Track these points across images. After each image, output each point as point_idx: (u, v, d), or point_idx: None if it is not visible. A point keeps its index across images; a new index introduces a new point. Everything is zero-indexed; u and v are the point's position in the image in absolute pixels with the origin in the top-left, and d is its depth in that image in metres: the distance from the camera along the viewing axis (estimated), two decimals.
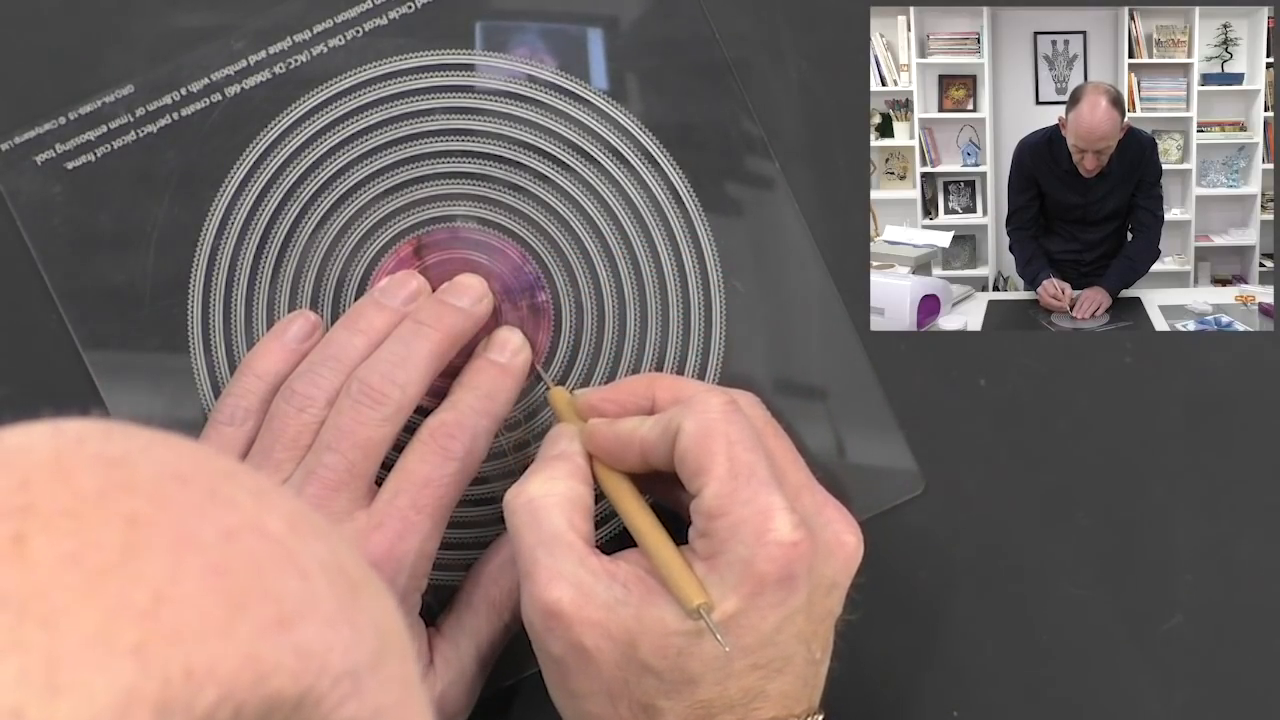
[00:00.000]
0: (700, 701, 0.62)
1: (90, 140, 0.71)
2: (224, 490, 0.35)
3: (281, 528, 0.35)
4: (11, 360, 0.71)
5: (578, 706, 0.64)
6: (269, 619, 0.33)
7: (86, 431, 0.35)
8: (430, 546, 0.66)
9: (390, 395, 0.65)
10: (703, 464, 0.62)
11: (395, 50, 0.71)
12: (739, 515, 0.62)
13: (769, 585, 0.62)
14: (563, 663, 0.63)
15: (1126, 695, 0.71)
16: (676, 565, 0.62)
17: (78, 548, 0.32)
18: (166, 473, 0.34)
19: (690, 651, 0.62)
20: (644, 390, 0.68)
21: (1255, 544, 0.72)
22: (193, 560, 0.33)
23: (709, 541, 0.62)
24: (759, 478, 0.62)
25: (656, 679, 0.62)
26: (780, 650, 0.63)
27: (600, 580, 0.63)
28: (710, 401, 0.63)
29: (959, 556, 0.72)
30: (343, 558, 0.36)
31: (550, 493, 0.64)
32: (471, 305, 0.69)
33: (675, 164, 0.71)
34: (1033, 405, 0.72)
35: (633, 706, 0.63)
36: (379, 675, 0.35)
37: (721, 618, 0.61)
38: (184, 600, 0.32)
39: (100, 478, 0.33)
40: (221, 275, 0.71)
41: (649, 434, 0.65)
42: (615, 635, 0.62)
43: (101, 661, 0.30)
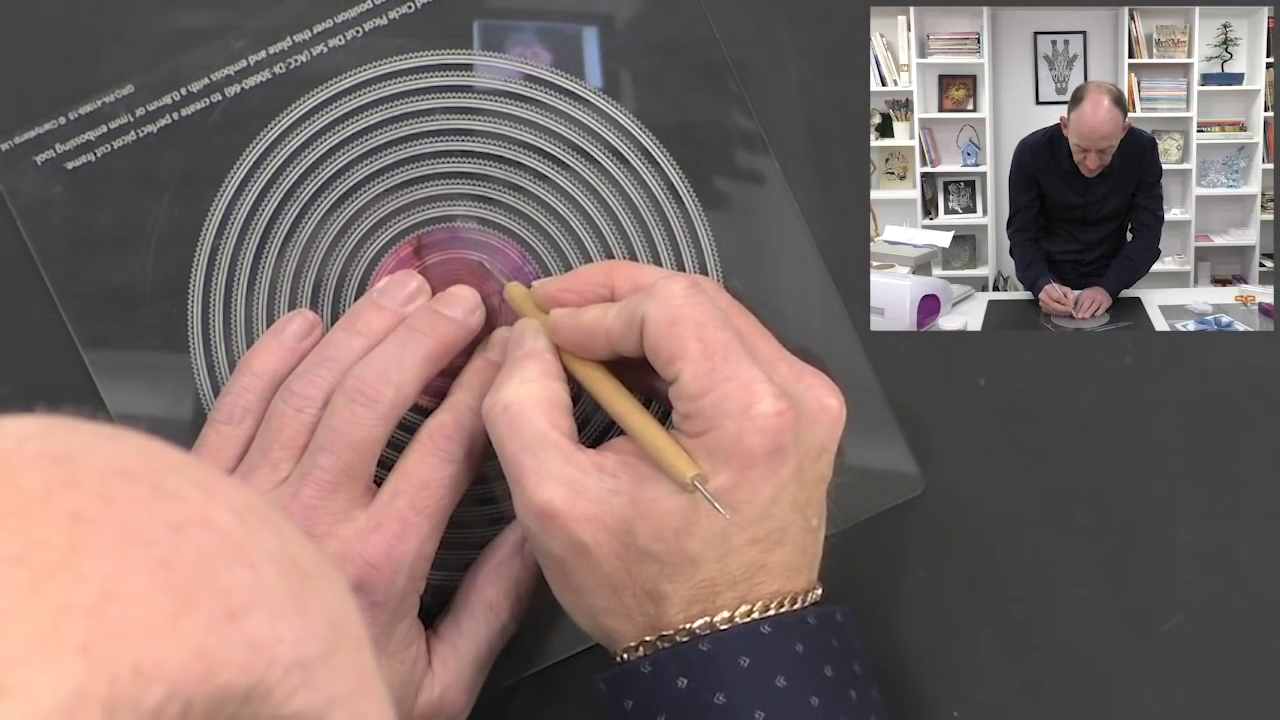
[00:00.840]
0: (702, 580, 0.62)
1: (90, 140, 0.71)
2: (170, 483, 0.35)
3: (229, 519, 0.35)
4: (11, 360, 0.71)
5: (582, 602, 0.64)
6: (217, 612, 0.33)
7: (28, 429, 0.35)
8: (429, 547, 0.66)
9: (384, 395, 0.65)
10: (674, 349, 0.62)
11: (395, 50, 0.71)
12: (721, 392, 0.62)
13: (759, 458, 0.62)
14: (563, 561, 0.63)
15: (1126, 695, 0.71)
16: (665, 442, 0.62)
17: (22, 547, 0.31)
18: (111, 468, 0.34)
19: (688, 529, 0.62)
20: (602, 278, 0.68)
21: (1255, 544, 0.71)
22: (139, 556, 0.32)
23: (694, 422, 0.62)
24: (735, 354, 0.62)
25: (657, 563, 0.62)
26: (777, 521, 0.63)
27: (589, 474, 0.63)
28: (672, 287, 0.63)
29: (959, 556, 0.72)
30: (293, 548, 0.36)
31: (526, 395, 0.64)
32: (464, 316, 0.69)
33: (675, 163, 0.71)
34: (1033, 405, 0.72)
35: (637, 594, 0.63)
36: (331, 665, 0.35)
37: (715, 493, 0.61)
38: (131, 597, 0.32)
39: (44, 475, 0.33)
40: (221, 275, 0.71)
41: (614, 324, 0.64)
42: (611, 526, 0.62)
43: (48, 661, 0.30)
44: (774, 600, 0.63)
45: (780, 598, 0.63)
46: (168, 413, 0.71)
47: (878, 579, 0.71)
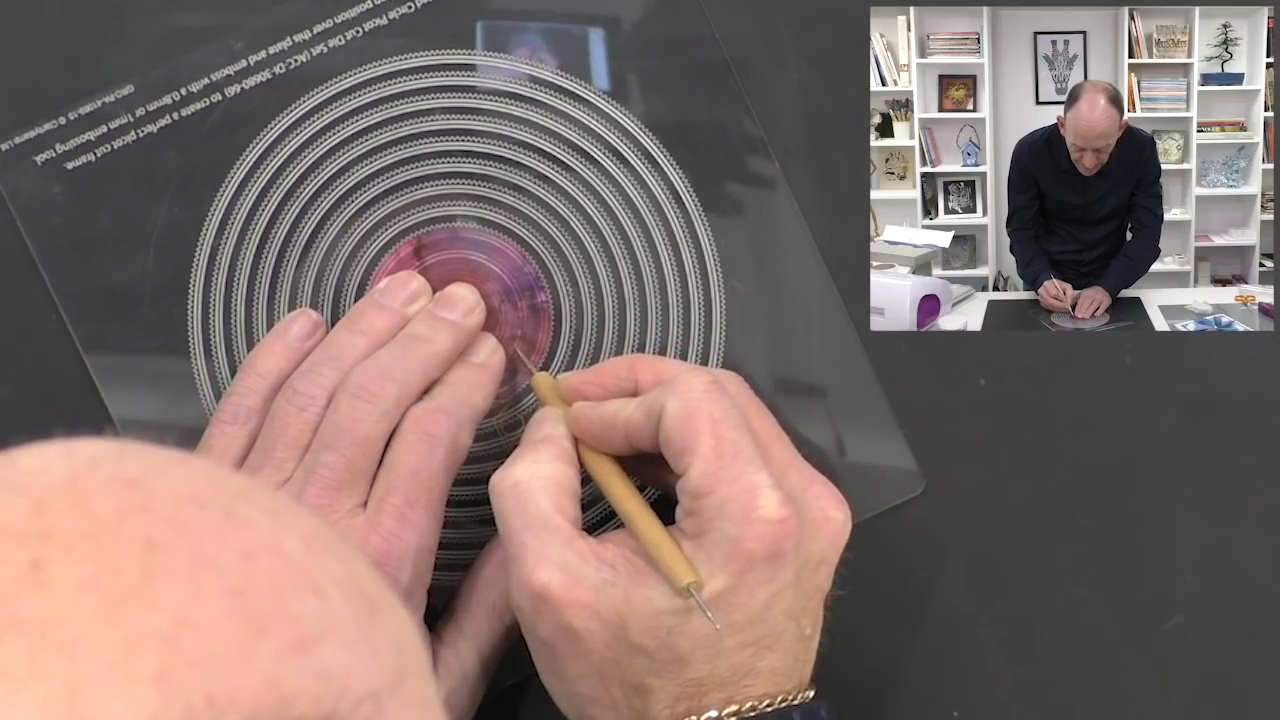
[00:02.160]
0: (690, 680, 0.62)
1: (90, 140, 0.71)
2: (240, 510, 0.34)
3: (298, 547, 0.34)
4: (11, 360, 0.71)
5: (568, 688, 0.64)
6: (289, 641, 0.32)
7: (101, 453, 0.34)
8: (429, 540, 0.66)
9: (387, 391, 0.65)
10: (687, 443, 0.62)
11: (395, 50, 0.71)
12: (725, 493, 0.62)
13: (757, 563, 0.62)
14: (552, 645, 0.63)
15: (1126, 695, 0.71)
16: (665, 544, 0.62)
17: (96, 573, 0.31)
18: (183, 494, 0.34)
19: (680, 630, 0.62)
20: (626, 372, 0.68)
21: (1255, 544, 0.72)
22: (212, 583, 0.32)
23: (696, 520, 0.63)
24: (744, 456, 0.62)
25: (647, 658, 0.62)
26: (770, 627, 0.63)
27: (588, 562, 0.63)
28: (693, 381, 0.64)
29: (959, 556, 0.72)
30: (360, 576, 0.35)
31: (536, 475, 0.64)
32: (463, 317, 0.69)
33: (675, 164, 0.71)
34: (1033, 405, 0.72)
35: (624, 686, 0.63)
36: (400, 696, 0.34)
37: (710, 595, 0.61)
38: (204, 624, 0.31)
39: (117, 500, 0.33)
40: (221, 275, 0.71)
41: (633, 415, 0.65)
42: (605, 616, 0.62)
43: (123, 689, 0.30)
44: (762, 701, 0.63)
45: (769, 699, 0.63)
46: (167, 412, 0.71)
47: (877, 579, 0.71)
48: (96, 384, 0.71)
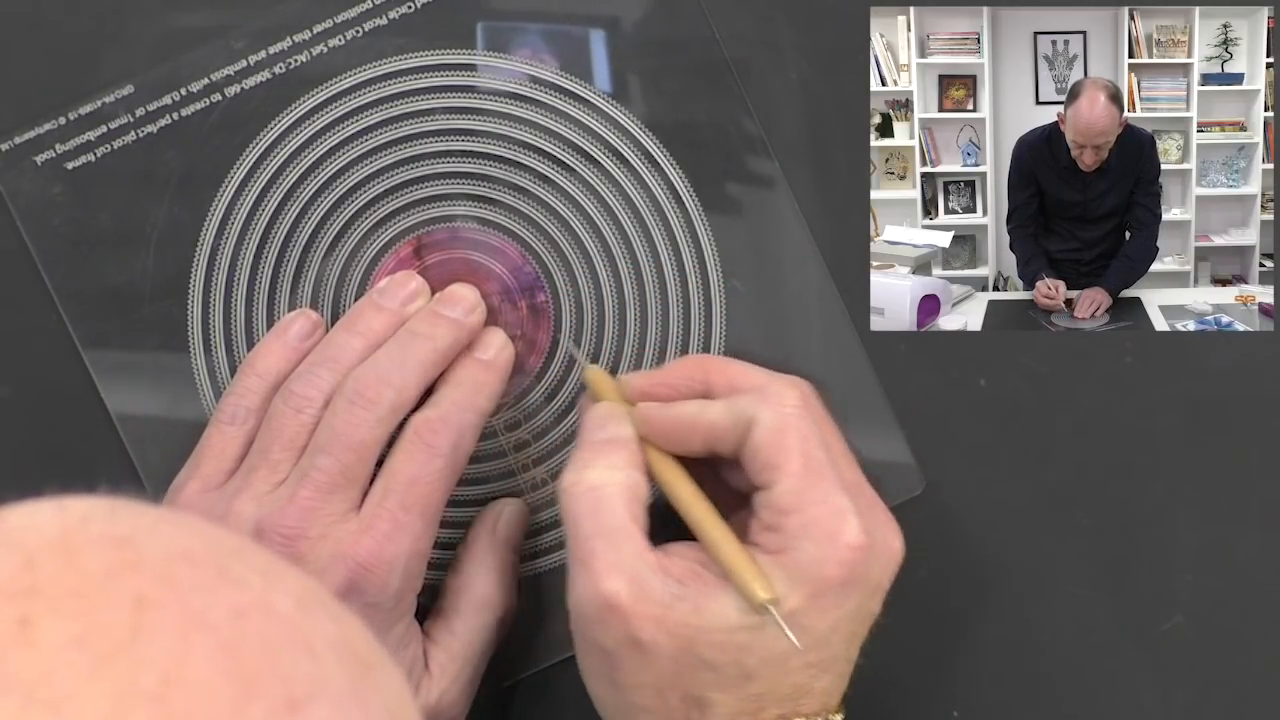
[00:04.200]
0: (753, 694, 0.62)
1: (90, 140, 0.71)
2: (233, 568, 0.34)
3: (291, 606, 0.34)
4: (11, 360, 0.71)
5: (623, 698, 0.64)
6: (279, 701, 0.32)
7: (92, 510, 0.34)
8: (423, 545, 0.65)
9: (384, 397, 0.65)
10: (776, 459, 0.63)
11: (395, 50, 0.71)
12: (811, 514, 0.62)
13: (832, 587, 0.62)
14: (614, 655, 0.63)
15: (1126, 695, 0.71)
16: (742, 559, 0.62)
17: (85, 630, 0.31)
18: (174, 551, 0.34)
19: (750, 647, 0.62)
20: (697, 374, 0.67)
21: (1255, 544, 0.72)
22: (202, 641, 0.32)
23: (777, 536, 0.62)
24: (829, 478, 0.63)
25: (713, 673, 0.62)
26: (831, 650, 0.63)
27: (656, 574, 0.62)
28: (787, 395, 0.64)
29: (959, 556, 0.72)
30: (353, 636, 0.35)
31: (613, 481, 0.64)
32: (464, 316, 0.68)
33: (675, 164, 0.71)
34: (1033, 405, 0.72)
35: (684, 699, 0.63)
36: None
37: (783, 614, 0.61)
38: (193, 683, 0.31)
39: (107, 557, 0.33)
40: (221, 275, 0.71)
41: (718, 420, 0.64)
42: (673, 630, 0.62)
43: None
44: (812, 718, 0.63)
45: (816, 717, 0.63)
46: (167, 412, 0.71)
47: None
48: (96, 383, 0.71)
